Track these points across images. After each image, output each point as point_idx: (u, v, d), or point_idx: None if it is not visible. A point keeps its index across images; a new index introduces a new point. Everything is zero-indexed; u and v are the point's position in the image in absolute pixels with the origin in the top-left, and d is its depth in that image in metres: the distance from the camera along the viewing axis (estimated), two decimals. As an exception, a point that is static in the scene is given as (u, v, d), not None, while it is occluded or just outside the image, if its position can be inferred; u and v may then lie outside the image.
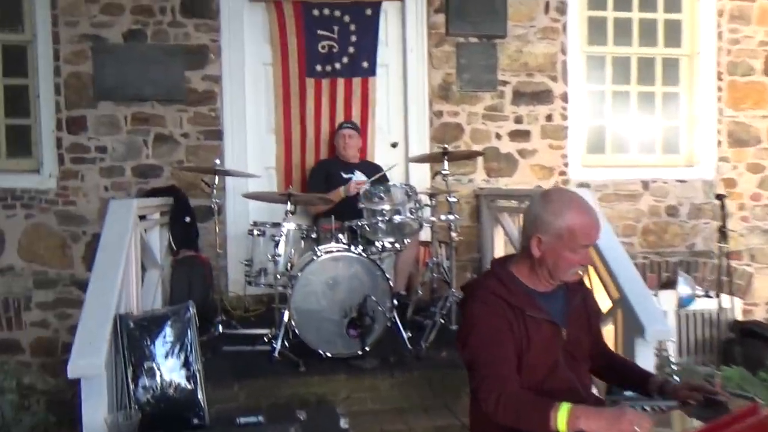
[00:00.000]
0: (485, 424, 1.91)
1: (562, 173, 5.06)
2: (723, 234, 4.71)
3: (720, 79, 5.23)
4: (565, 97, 5.05)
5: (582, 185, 5.01)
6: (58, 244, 4.59)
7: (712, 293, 4.74)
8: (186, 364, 2.64)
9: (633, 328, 2.84)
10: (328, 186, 4.39)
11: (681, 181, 5.19)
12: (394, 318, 3.47)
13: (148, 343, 2.63)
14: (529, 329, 1.88)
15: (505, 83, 5.02)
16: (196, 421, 2.61)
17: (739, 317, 4.99)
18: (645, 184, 5.16)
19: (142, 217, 3.75)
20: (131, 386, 2.58)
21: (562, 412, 1.67)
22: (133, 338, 2.63)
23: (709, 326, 4.89)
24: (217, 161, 4.12)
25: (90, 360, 2.47)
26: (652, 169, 5.23)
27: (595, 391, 2.25)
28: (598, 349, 2.15)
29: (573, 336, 1.97)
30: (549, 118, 5.04)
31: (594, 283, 3.29)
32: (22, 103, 4.71)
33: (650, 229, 5.13)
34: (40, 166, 4.63)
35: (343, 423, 2.52)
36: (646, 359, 2.80)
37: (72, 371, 2.43)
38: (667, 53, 5.31)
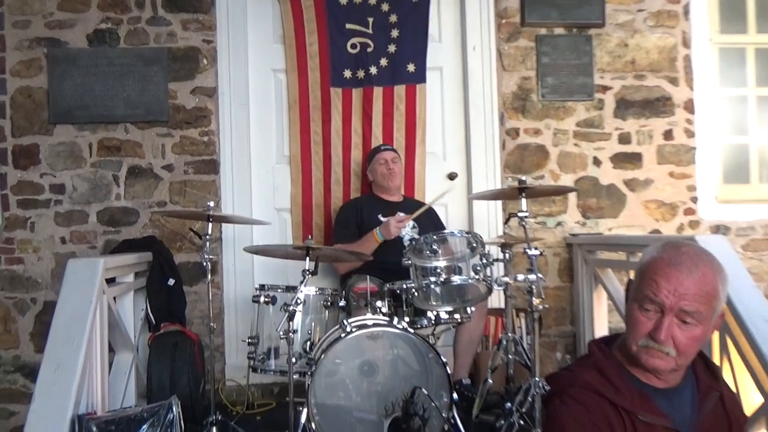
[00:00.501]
0: None
1: (690, 212, 5.04)
2: None
3: None
4: (690, 106, 5.06)
5: (717, 228, 5.02)
6: None
7: None
8: None
9: None
10: (362, 234, 4.40)
11: None
12: (455, 418, 3.38)
13: None
14: None
15: (604, 89, 5.03)
16: None
17: None
18: None
19: (110, 281, 3.78)
20: None
21: None
22: None
23: None
24: (211, 203, 3.96)
25: None
26: None
27: None
28: None
29: None
30: (668, 135, 5.04)
31: (736, 368, 3.23)
32: None
33: None
34: None
35: None
36: None
37: (15, 492, 2.59)
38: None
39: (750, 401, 3.17)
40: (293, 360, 3.46)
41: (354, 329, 3.38)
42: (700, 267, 1.86)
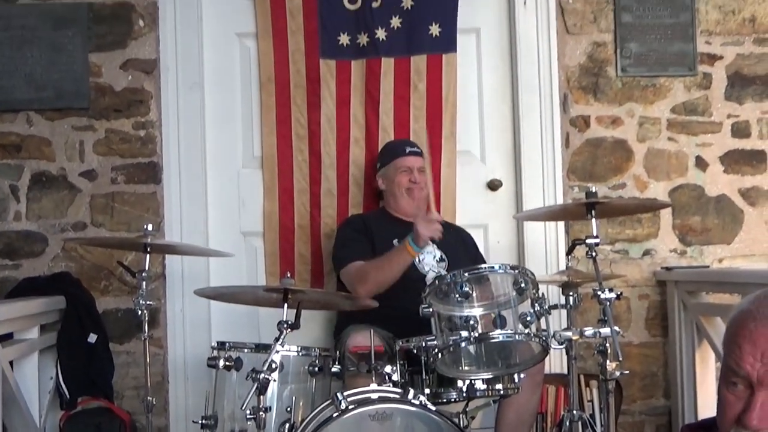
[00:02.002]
0: None
1: None
2: None
3: None
4: None
5: None
6: None
7: None
8: None
9: None
10: (374, 252, 4.20)
11: None
12: None
13: None
14: None
15: (712, 58, 4.83)
16: None
17: None
18: None
19: (5, 337, 3.67)
20: None
21: None
22: None
23: None
24: (150, 226, 3.85)
25: None
26: None
27: None
28: None
29: None
30: None
31: None
32: None
33: None
34: None
35: None
36: None
37: None
38: None
39: None
40: (267, 452, 3.23)
41: (352, 406, 3.26)
42: None
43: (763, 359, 1.74)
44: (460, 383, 3.58)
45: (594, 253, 3.67)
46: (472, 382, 3.58)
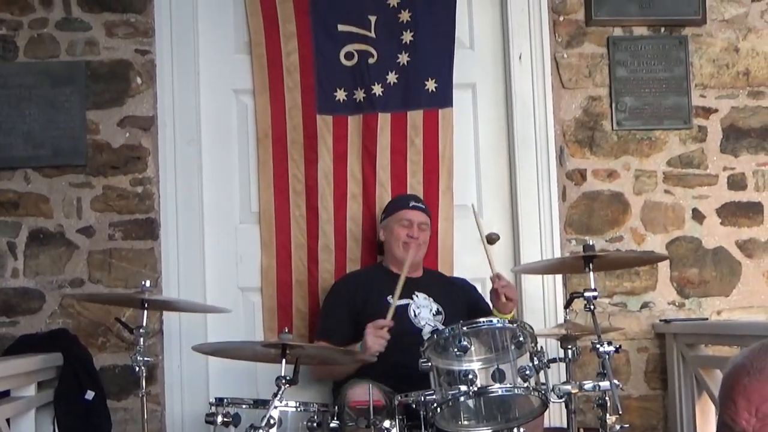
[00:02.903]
0: None
1: None
2: None
3: None
4: None
5: None
6: None
7: None
8: None
9: None
10: (365, 319, 4.16)
11: None
12: None
13: None
14: None
15: (707, 112, 4.88)
16: None
17: None
18: None
19: (2, 395, 3.69)
20: None
21: None
22: None
23: None
24: (148, 282, 3.89)
25: None
26: None
27: None
28: None
29: None
30: None
31: None
32: None
33: None
34: None
35: None
36: None
37: None
38: None
39: None
40: None
41: None
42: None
43: (758, 414, 1.74)
44: (459, 439, 3.20)
45: (592, 306, 3.66)
46: (473, 437, 3.20)
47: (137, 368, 3.85)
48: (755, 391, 1.76)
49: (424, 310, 4.32)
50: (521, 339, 3.56)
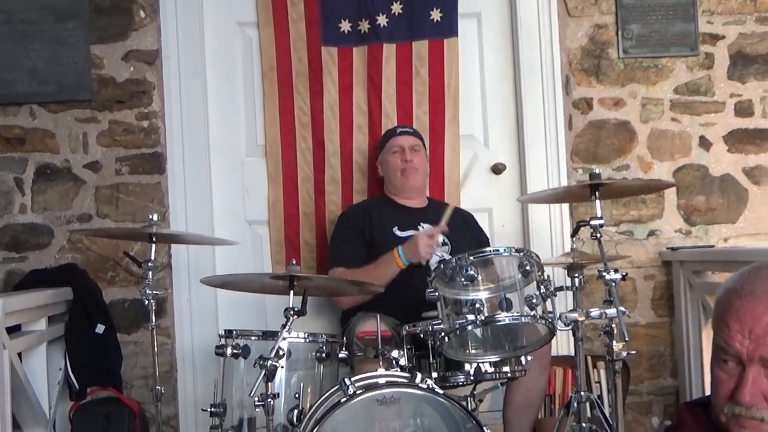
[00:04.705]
0: None
1: None
2: None
3: None
4: None
5: None
6: None
7: None
8: None
9: None
10: (371, 253, 4.19)
11: None
12: None
13: None
14: None
15: (714, 38, 4.78)
16: None
17: None
18: None
19: (13, 329, 3.64)
20: None
21: None
22: None
23: None
24: (155, 216, 3.85)
25: None
26: None
27: None
28: None
29: None
30: None
31: None
32: None
33: None
34: None
35: None
36: None
37: None
38: None
39: None
40: (275, 437, 3.17)
41: (360, 391, 3.29)
42: None
43: (752, 336, 1.79)
44: (467, 367, 3.60)
45: (599, 235, 3.64)
46: (480, 365, 3.60)
47: (146, 302, 3.85)
48: (747, 313, 1.81)
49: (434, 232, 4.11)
50: (528, 268, 3.52)
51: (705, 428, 1.98)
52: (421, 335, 3.60)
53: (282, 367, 3.46)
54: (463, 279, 3.50)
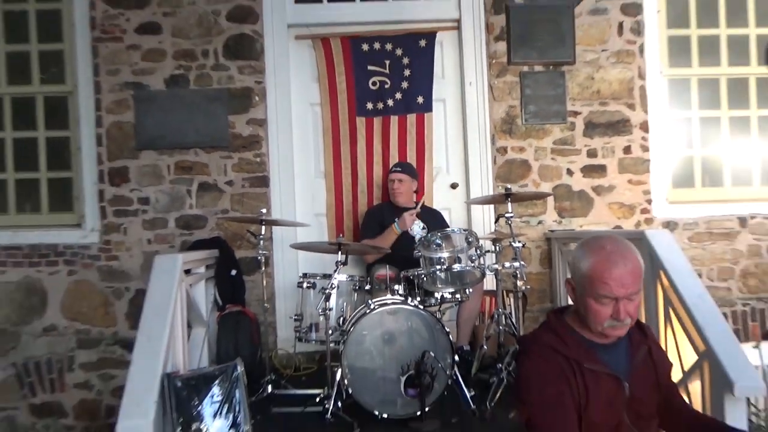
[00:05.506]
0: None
1: (645, 211, 5.03)
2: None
3: (826, 98, 5.43)
4: (645, 127, 5.03)
5: (668, 224, 5.02)
6: (100, 302, 4.84)
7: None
8: (235, 425, 2.84)
9: (721, 383, 2.83)
10: (381, 231, 4.44)
11: (786, 216, 5.39)
12: (456, 375, 3.48)
13: (196, 403, 2.84)
14: (588, 384, 1.94)
15: (575, 114, 5.03)
16: (245, 485, 2.90)
17: None
18: (742, 221, 5.04)
19: (187, 272, 3.86)
20: (179, 448, 2.90)
21: None
22: (180, 398, 2.85)
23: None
24: (264, 210, 4.19)
25: (137, 422, 2.66)
26: (750, 204, 5.09)
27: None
28: (673, 407, 2.17)
29: (637, 391, 2.01)
30: (627, 150, 5.01)
31: (677, 332, 3.36)
32: (63, 155, 5.03)
33: (751, 272, 5.00)
34: (82, 220, 4.93)
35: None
36: (736, 417, 2.78)
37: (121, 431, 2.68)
38: (761, 72, 5.17)
39: (686, 357, 3.23)
40: (330, 332, 3.62)
41: (377, 307, 3.48)
42: (628, 257, 1.95)
43: (622, 286, 1.92)
44: (436, 294, 3.83)
45: (510, 222, 3.94)
46: (443, 294, 3.83)
47: (259, 258, 4.15)
48: (617, 275, 1.90)
49: (416, 227, 4.53)
50: (470, 240, 3.80)
51: (562, 323, 2.10)
52: (411, 277, 3.84)
53: (334, 294, 3.68)
54: (434, 246, 3.77)
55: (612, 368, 2.01)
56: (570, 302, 2.18)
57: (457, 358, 3.52)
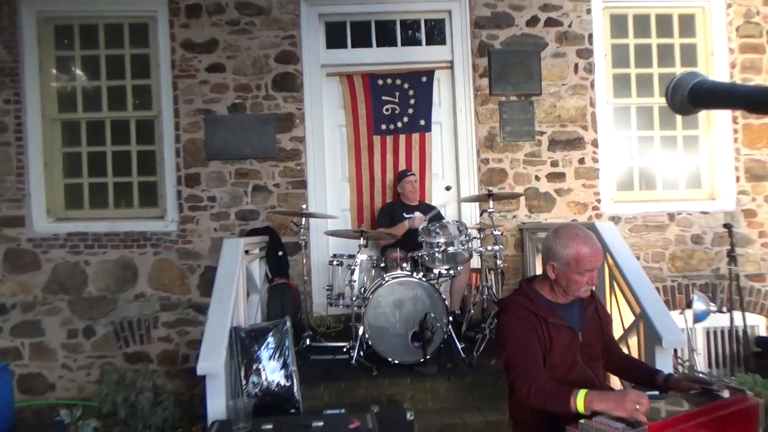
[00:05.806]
0: (522, 411, 2.11)
1: (595, 208, 4.99)
2: (733, 258, 4.73)
3: (735, 122, 5.08)
4: (595, 143, 4.99)
5: (613, 218, 5.01)
6: (178, 275, 4.83)
7: (724, 309, 4.68)
8: (284, 366, 2.90)
9: (652, 338, 2.92)
10: (391, 223, 4.51)
11: (704, 213, 5.04)
12: (450, 332, 3.55)
13: (256, 349, 2.91)
14: (552, 334, 2.03)
15: (542, 133, 4.98)
16: (292, 411, 2.85)
17: (765, 333, 4.95)
18: (671, 216, 5.04)
19: (246, 252, 3.87)
20: (243, 382, 2.86)
21: (580, 396, 1.80)
22: (244, 345, 2.92)
23: (735, 342, 4.76)
24: (303, 206, 4.37)
25: (213, 362, 2.77)
26: (677, 203, 5.11)
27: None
28: (613, 351, 2.25)
29: (588, 338, 2.10)
30: (582, 161, 4.97)
31: (619, 300, 3.44)
32: (150, 164, 5.04)
33: (677, 256, 5.00)
34: (164, 213, 4.94)
35: (409, 416, 2.70)
36: (664, 365, 2.87)
37: (200, 370, 2.74)
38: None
39: (626, 318, 3.32)
40: (353, 299, 3.76)
41: (390, 280, 3.59)
42: (595, 240, 2.08)
43: (597, 261, 2.03)
44: (435, 270, 3.86)
45: (491, 216, 4.08)
46: (441, 270, 3.86)
47: (299, 242, 4.30)
48: (593, 254, 1.99)
49: (420, 216, 4.49)
50: (461, 229, 3.86)
51: (531, 288, 2.15)
52: (416, 258, 3.88)
53: (357, 270, 3.76)
54: (433, 233, 3.81)
55: (569, 322, 2.10)
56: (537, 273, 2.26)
57: (451, 319, 3.60)
